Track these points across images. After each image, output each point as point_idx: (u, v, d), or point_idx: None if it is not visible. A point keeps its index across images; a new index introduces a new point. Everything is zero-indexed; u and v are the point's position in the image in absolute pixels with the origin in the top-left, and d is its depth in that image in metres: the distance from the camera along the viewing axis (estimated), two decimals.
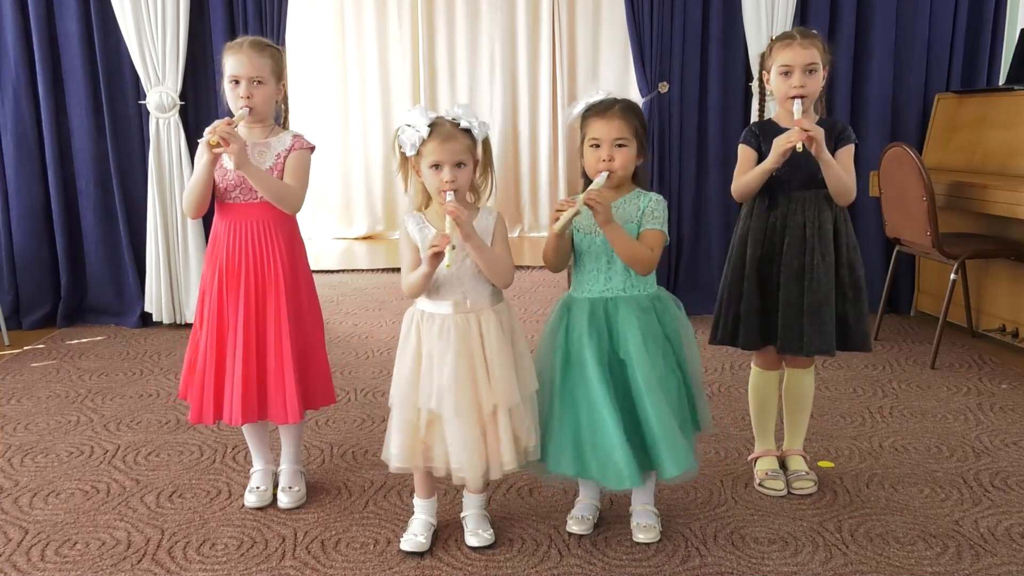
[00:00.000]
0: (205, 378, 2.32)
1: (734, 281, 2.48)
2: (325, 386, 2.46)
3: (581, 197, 2.04)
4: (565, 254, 2.19)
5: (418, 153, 2.06)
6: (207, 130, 2.20)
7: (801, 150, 2.25)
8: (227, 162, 2.27)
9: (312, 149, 2.39)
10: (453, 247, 1.97)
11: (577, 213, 2.05)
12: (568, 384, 2.13)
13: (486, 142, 2.12)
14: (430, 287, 2.09)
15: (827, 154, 2.30)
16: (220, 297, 2.32)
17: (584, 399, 2.09)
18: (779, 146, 2.29)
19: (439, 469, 2.12)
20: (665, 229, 2.15)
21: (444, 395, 2.05)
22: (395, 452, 2.14)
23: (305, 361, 2.39)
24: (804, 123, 2.26)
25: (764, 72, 2.45)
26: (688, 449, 2.11)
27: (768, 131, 2.43)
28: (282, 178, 2.32)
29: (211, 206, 2.37)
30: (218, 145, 2.18)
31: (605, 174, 2.09)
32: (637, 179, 2.19)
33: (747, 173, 2.41)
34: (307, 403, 2.40)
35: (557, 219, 2.05)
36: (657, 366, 2.09)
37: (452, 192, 2.01)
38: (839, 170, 2.33)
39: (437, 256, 1.98)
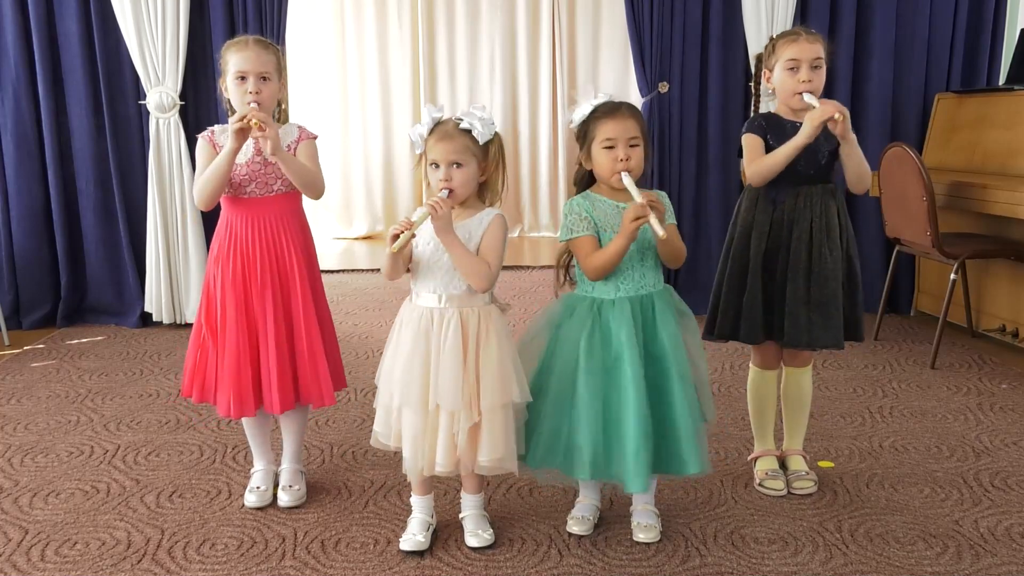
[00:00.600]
0: (240, 372, 2.31)
1: (735, 274, 2.45)
2: (339, 369, 2.50)
3: (643, 201, 1.99)
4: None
5: (424, 150, 2.10)
6: (235, 118, 2.20)
7: (840, 119, 2.21)
8: (240, 155, 2.28)
9: (315, 137, 2.42)
10: (414, 236, 2.02)
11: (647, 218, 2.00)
12: (597, 388, 2.09)
13: (495, 144, 2.11)
14: (411, 275, 2.14)
15: (852, 135, 2.29)
16: (245, 291, 2.32)
17: (615, 403, 2.07)
18: (814, 119, 2.24)
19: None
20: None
21: (399, 382, 2.09)
22: (378, 429, 2.19)
23: (327, 344, 2.42)
24: (832, 102, 2.26)
25: (766, 71, 2.44)
26: (706, 448, 2.13)
27: (773, 123, 2.41)
28: None
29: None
30: (248, 132, 2.19)
31: (627, 176, 2.06)
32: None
33: (770, 154, 2.35)
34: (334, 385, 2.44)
35: (636, 226, 2.00)
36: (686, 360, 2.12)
37: (447, 191, 2.04)
38: (861, 153, 2.33)
39: (395, 238, 2.01)
